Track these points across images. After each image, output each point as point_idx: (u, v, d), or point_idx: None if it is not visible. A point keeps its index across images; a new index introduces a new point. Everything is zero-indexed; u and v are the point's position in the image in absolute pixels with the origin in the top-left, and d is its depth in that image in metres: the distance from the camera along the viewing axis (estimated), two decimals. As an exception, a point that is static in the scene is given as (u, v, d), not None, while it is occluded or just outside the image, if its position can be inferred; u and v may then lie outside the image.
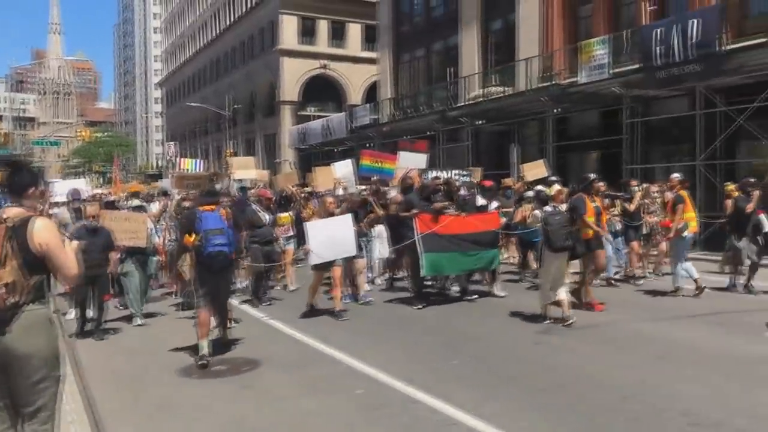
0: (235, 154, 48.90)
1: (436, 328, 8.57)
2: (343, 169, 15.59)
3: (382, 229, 11.38)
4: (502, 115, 24.62)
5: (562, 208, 8.74)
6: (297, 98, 47.58)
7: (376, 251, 11.61)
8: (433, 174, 14.00)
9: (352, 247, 9.38)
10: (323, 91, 48.08)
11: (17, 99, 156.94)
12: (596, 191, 9.69)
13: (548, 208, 8.69)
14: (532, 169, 14.72)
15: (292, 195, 13.59)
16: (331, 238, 9.08)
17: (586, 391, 5.81)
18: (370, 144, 32.80)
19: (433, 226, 9.79)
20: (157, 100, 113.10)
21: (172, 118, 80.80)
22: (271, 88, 49.75)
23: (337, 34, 49.19)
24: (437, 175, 13.73)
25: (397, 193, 11.82)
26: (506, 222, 11.43)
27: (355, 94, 47.73)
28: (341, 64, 48.22)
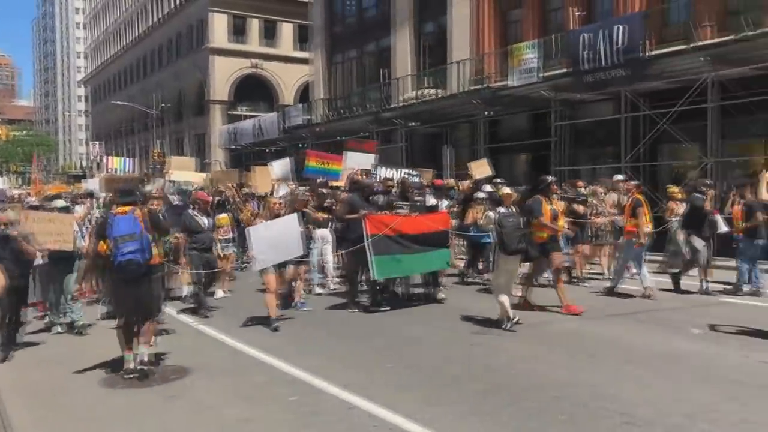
0: (163, 155, 47.60)
1: (373, 332, 8.46)
2: (281, 168, 15.00)
3: (325, 232, 11.12)
4: (435, 117, 24.80)
5: (515, 210, 8.60)
6: (228, 97, 46.78)
7: (316, 255, 11.11)
8: (384, 174, 13.70)
9: (298, 248, 8.91)
10: (255, 91, 47.42)
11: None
12: (553, 193, 9.53)
13: (502, 210, 8.48)
14: (478, 168, 14.59)
15: (231, 196, 13.02)
16: (276, 240, 8.60)
17: (522, 391, 5.82)
18: (303, 144, 32.51)
19: (383, 227, 9.46)
20: (80, 98, 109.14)
21: (97, 116, 78.14)
22: (200, 87, 48.71)
23: (269, 34, 48.61)
24: (388, 176, 13.49)
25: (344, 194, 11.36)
26: (457, 223, 11.27)
27: (288, 94, 47.26)
28: (273, 63, 47.67)
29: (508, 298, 8.35)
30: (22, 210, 8.48)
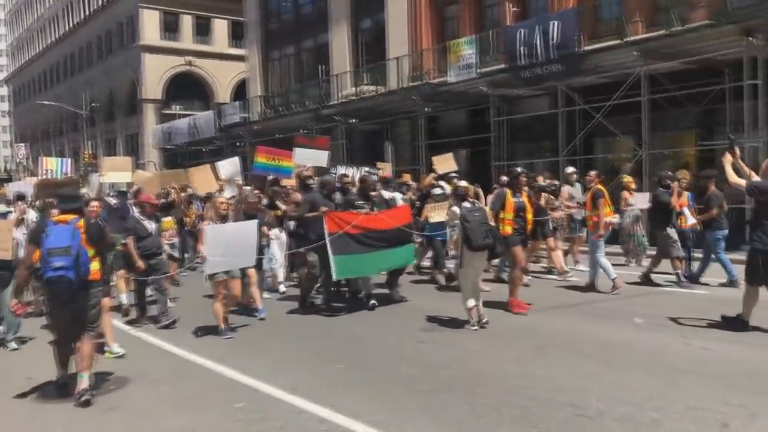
0: (94, 156, 46.06)
1: (322, 333, 8.29)
2: (229, 168, 14.24)
3: (277, 232, 10.78)
4: (375, 113, 24.74)
5: (481, 205, 8.38)
6: (161, 96, 45.64)
7: (271, 257, 10.65)
8: (341, 171, 13.34)
9: (251, 258, 8.47)
10: (189, 89, 46.44)
11: None
12: (521, 185, 9.19)
13: (467, 205, 8.17)
14: (442, 163, 14.10)
15: (176, 198, 12.43)
16: (230, 245, 8.07)
17: (472, 388, 5.76)
18: (240, 143, 31.95)
19: (345, 225, 9.07)
20: (3, 98, 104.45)
21: (20, 117, 74.99)
22: (132, 86, 47.37)
23: (202, 30, 47.62)
24: (345, 173, 13.16)
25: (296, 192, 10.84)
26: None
27: (224, 92, 46.42)
28: (208, 60, 46.73)
29: (474, 300, 8.06)
30: None
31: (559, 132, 18.27)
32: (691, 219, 10.84)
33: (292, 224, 10.48)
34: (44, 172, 19.17)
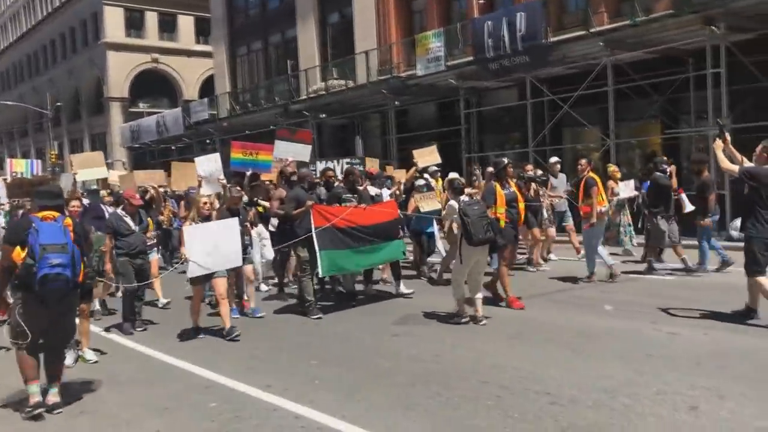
0: (59, 156, 45.28)
1: (297, 330, 8.25)
2: (208, 165, 13.72)
3: (262, 229, 10.59)
4: (344, 108, 24.67)
5: (479, 198, 8.19)
6: (127, 94, 45.00)
7: (257, 255, 10.33)
8: (321, 166, 13.19)
9: (237, 257, 8.14)
10: (155, 87, 45.82)
11: None
12: (509, 176, 9.03)
13: (465, 198, 7.90)
14: (425, 156, 14.03)
15: (154, 195, 12.12)
16: (214, 246, 7.83)
17: (449, 380, 5.79)
18: (209, 141, 31.64)
19: (332, 218, 8.86)
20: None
21: (-18, 118, 73.20)
22: (97, 84, 46.60)
23: (168, 27, 47.00)
24: (329, 166, 13.02)
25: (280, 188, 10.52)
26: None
27: (191, 89, 45.91)
28: (174, 57, 46.14)
29: (473, 294, 7.94)
30: None
31: (527, 123, 18.40)
32: (690, 206, 10.75)
33: (275, 222, 10.27)
34: (13, 174, 18.62)
